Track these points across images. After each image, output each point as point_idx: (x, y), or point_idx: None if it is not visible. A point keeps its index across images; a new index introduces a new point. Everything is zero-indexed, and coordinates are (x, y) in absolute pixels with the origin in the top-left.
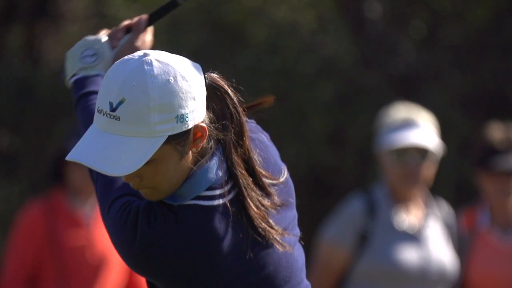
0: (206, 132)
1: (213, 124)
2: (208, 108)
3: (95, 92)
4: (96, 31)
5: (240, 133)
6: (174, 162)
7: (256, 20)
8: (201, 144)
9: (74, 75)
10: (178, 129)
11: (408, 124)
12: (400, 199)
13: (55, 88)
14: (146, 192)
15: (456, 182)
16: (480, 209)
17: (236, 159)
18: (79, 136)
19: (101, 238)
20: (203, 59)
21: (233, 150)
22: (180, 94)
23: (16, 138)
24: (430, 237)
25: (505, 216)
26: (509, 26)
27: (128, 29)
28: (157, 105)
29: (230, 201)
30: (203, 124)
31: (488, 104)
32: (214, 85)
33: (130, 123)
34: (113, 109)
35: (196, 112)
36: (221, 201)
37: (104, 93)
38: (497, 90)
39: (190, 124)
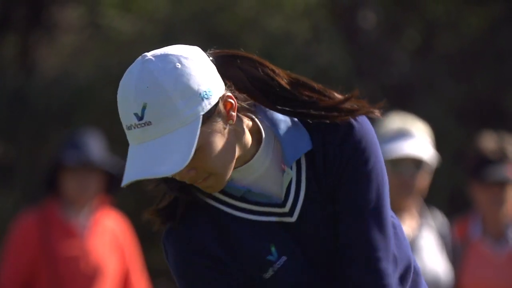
0: (235, 100)
1: (237, 92)
2: (224, 80)
3: None
4: (89, 41)
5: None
6: (218, 140)
7: (251, 30)
8: (234, 114)
9: None
10: (206, 106)
11: (402, 134)
12: (394, 209)
13: (49, 97)
14: (208, 183)
15: (450, 191)
16: (473, 219)
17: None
18: (75, 147)
19: (95, 248)
20: None
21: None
22: (193, 74)
23: (10, 147)
24: (424, 247)
25: (497, 226)
26: (503, 36)
27: None
28: (177, 93)
29: None
30: (229, 93)
31: (482, 114)
32: (219, 55)
33: (162, 121)
34: (141, 118)
35: (215, 85)
36: None
37: (125, 110)
38: (491, 100)
39: (216, 98)
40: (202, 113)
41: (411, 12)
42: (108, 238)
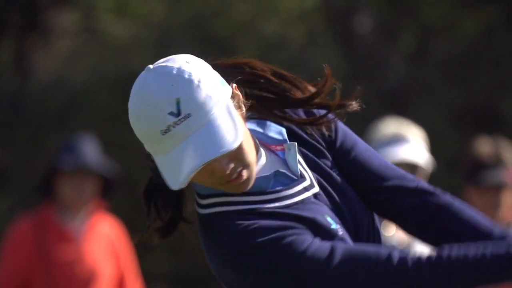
0: (238, 90)
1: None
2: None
3: None
4: (85, 45)
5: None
6: (244, 127)
7: (246, 34)
8: (242, 104)
9: None
10: (228, 91)
11: (397, 139)
12: None
13: (44, 102)
14: (245, 174)
15: None
16: None
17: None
18: (71, 151)
19: (90, 252)
20: None
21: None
22: (204, 66)
23: (6, 152)
24: (419, 252)
25: None
26: (499, 41)
27: None
28: (201, 80)
29: None
30: (234, 85)
31: (478, 119)
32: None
33: (200, 109)
34: (178, 113)
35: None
36: None
37: (155, 117)
38: (487, 105)
39: (228, 86)
40: (229, 95)
41: (407, 17)
42: (103, 243)
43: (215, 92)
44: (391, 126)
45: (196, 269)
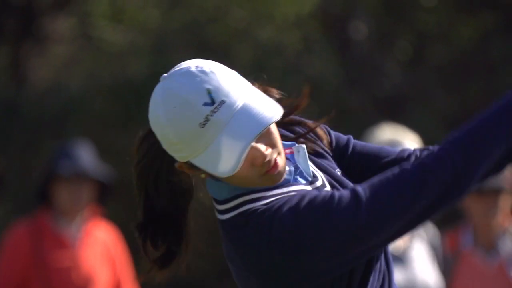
0: None
1: None
2: None
3: None
4: (81, 52)
5: None
6: None
7: (242, 41)
8: None
9: None
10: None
11: (393, 145)
12: None
13: (40, 108)
14: (280, 162)
15: None
16: (463, 231)
17: None
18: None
19: (87, 259)
20: None
21: None
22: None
23: (2, 158)
24: (415, 258)
25: (488, 237)
26: (495, 47)
27: None
28: (222, 71)
29: None
30: None
31: None
32: None
33: (232, 95)
34: (213, 102)
35: None
36: None
37: (191, 111)
38: (482, 111)
39: None
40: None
41: (402, 23)
42: (99, 249)
43: (238, 79)
44: (387, 132)
45: (192, 274)
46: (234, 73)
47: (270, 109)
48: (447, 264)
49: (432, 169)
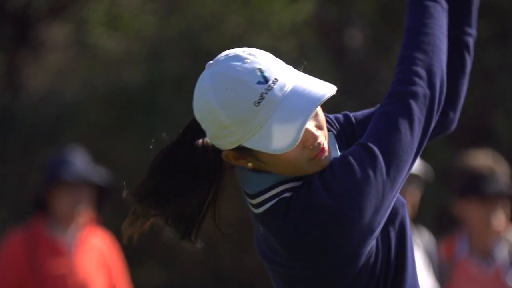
0: None
1: None
2: None
3: None
4: (76, 59)
5: None
6: None
7: (237, 48)
8: None
9: None
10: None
11: None
12: None
13: (36, 116)
14: (327, 147)
15: (437, 210)
16: (459, 238)
17: None
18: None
19: (82, 266)
20: (184, 88)
21: None
22: None
23: None
24: None
25: (484, 244)
26: (490, 55)
27: None
28: (266, 53)
29: None
30: None
31: (469, 133)
32: None
33: (283, 73)
34: (266, 81)
35: None
36: None
37: (246, 88)
38: (478, 119)
39: None
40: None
41: (398, 31)
42: (95, 256)
43: (283, 62)
44: None
45: (188, 281)
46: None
47: (322, 86)
48: (443, 271)
49: (405, 90)
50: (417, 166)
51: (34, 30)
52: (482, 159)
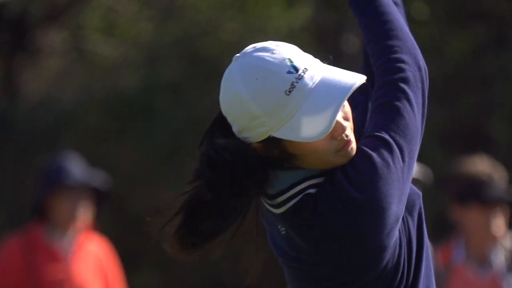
0: None
1: None
2: None
3: None
4: (73, 65)
5: None
6: None
7: (234, 54)
8: None
9: None
10: None
11: None
12: None
13: (33, 121)
14: (352, 137)
15: (434, 216)
16: (456, 244)
17: None
18: (64, 170)
19: (79, 272)
20: (181, 93)
21: None
22: None
23: None
24: None
25: (481, 250)
26: (487, 61)
27: None
28: (295, 47)
29: None
30: None
31: (465, 139)
32: None
33: (312, 64)
34: (296, 70)
35: None
36: None
37: (277, 77)
38: (474, 125)
39: None
40: None
41: None
42: (91, 262)
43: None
44: None
45: (184, 287)
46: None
47: (351, 76)
48: (440, 277)
49: (395, 78)
50: (417, 169)
51: (32, 36)
52: (481, 164)
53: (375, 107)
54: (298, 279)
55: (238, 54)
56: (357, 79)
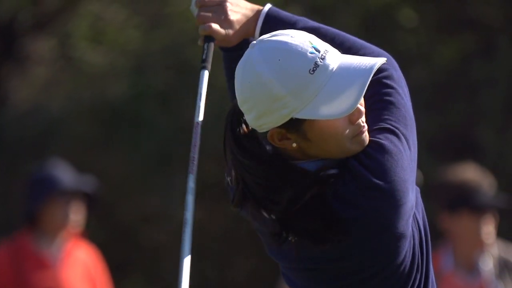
0: None
1: None
2: None
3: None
4: (61, 73)
5: None
6: None
7: (221, 62)
8: None
9: None
10: None
11: None
12: None
13: (21, 129)
14: (366, 129)
15: None
16: (444, 251)
17: None
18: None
19: (68, 279)
20: (169, 101)
21: None
22: None
23: None
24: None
25: (470, 257)
26: (476, 68)
27: None
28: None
29: None
30: None
31: (454, 146)
32: None
33: (331, 47)
34: (318, 50)
35: None
36: None
37: (301, 57)
38: (463, 132)
39: None
40: None
41: (383, 44)
42: (80, 270)
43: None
44: None
45: None
46: None
47: (369, 58)
48: None
49: (380, 77)
50: None
51: (19, 44)
52: (470, 172)
53: (369, 105)
54: (313, 281)
55: (254, 42)
56: (377, 60)
